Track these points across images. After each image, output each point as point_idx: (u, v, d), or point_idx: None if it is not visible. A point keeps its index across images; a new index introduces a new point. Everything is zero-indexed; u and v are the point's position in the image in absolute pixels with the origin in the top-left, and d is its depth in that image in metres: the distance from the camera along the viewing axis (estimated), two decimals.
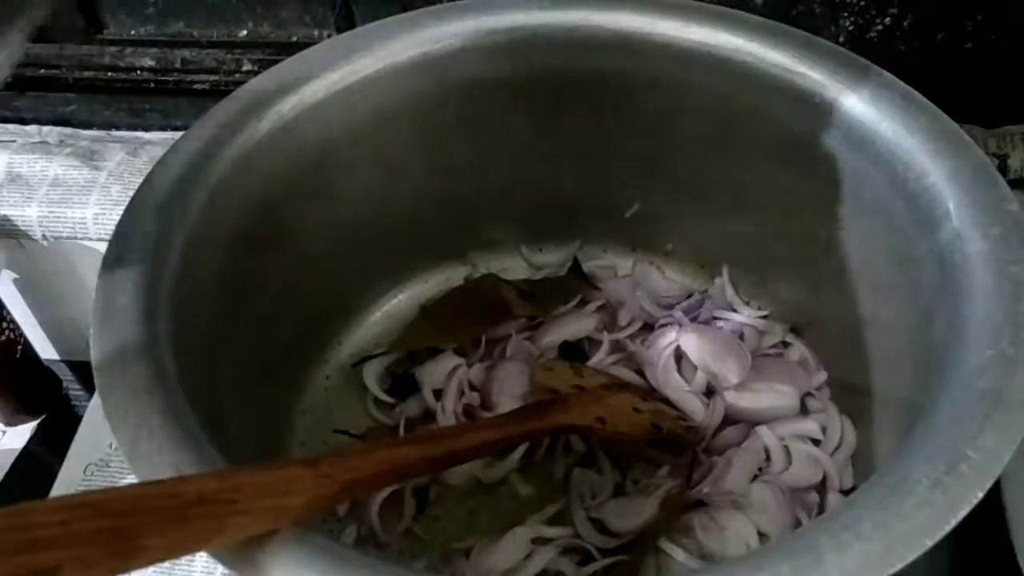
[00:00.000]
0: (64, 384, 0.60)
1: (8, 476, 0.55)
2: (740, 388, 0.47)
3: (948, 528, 0.27)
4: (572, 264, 0.56)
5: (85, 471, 0.53)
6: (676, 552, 0.42)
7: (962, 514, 0.27)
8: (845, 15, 0.56)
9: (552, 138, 0.50)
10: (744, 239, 0.51)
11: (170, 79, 0.61)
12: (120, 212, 0.38)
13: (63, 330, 0.61)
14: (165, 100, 0.62)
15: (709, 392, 0.49)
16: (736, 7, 0.44)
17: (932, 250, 0.36)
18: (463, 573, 0.43)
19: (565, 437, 0.47)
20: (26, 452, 0.56)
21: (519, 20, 0.45)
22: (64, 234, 0.55)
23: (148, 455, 0.30)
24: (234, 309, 0.41)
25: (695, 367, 0.49)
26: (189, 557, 0.47)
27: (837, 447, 0.45)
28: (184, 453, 0.30)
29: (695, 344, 0.48)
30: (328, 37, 0.56)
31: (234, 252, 0.41)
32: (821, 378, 0.48)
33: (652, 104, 0.47)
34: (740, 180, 0.48)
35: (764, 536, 0.43)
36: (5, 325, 0.54)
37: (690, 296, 0.53)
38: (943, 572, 0.43)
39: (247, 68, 0.59)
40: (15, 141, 0.59)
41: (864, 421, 0.46)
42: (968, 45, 0.56)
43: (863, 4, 0.55)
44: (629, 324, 0.53)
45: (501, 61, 0.46)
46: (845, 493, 0.44)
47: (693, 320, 0.51)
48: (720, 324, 0.51)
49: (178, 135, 0.41)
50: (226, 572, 0.42)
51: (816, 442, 0.46)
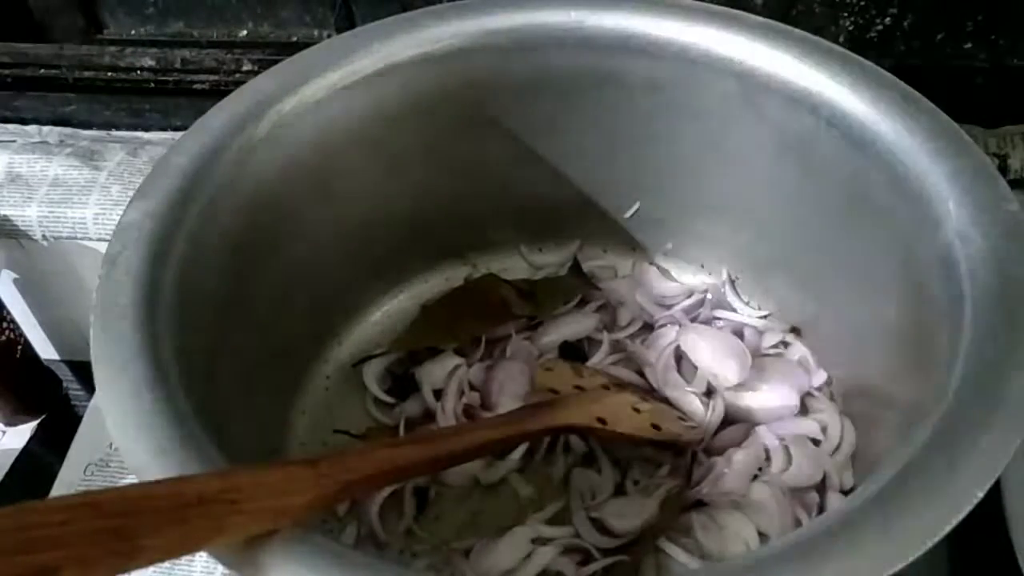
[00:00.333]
0: (64, 384, 0.60)
1: (8, 476, 0.55)
2: (740, 388, 0.47)
3: (948, 528, 0.27)
4: (572, 264, 0.56)
5: (85, 471, 0.53)
6: (676, 552, 0.42)
7: (962, 514, 0.27)
8: (845, 15, 0.56)
9: (552, 138, 0.50)
10: (744, 239, 0.51)
11: (170, 79, 0.61)
12: (120, 212, 0.38)
13: (63, 330, 0.61)
14: (165, 100, 0.62)
15: (709, 392, 0.49)
16: (736, 7, 0.44)
17: (932, 250, 0.36)
18: (463, 573, 0.42)
19: (565, 437, 0.47)
20: (26, 452, 0.56)
21: (519, 20, 0.45)
22: (64, 234, 0.55)
23: (148, 455, 0.30)
24: (234, 309, 0.41)
25: (695, 367, 0.49)
26: (189, 557, 0.47)
27: (837, 447, 0.45)
28: (184, 453, 0.30)
29: (695, 344, 0.48)
30: (328, 37, 0.56)
31: (234, 252, 0.41)
32: (821, 378, 0.48)
33: (652, 104, 0.47)
34: (740, 180, 0.48)
35: (764, 536, 0.43)
36: (5, 325, 0.54)
37: (690, 296, 0.53)
38: (943, 572, 0.43)
39: (247, 68, 0.59)
40: (15, 141, 0.59)
41: (864, 421, 0.46)
42: (968, 45, 0.56)
43: (863, 4, 0.55)
44: (629, 324, 0.53)
45: (501, 61, 0.46)
46: (845, 493, 0.44)
47: (693, 320, 0.51)
48: (720, 324, 0.51)
49: (178, 135, 0.41)
50: (226, 572, 0.42)
51: (816, 442, 0.46)
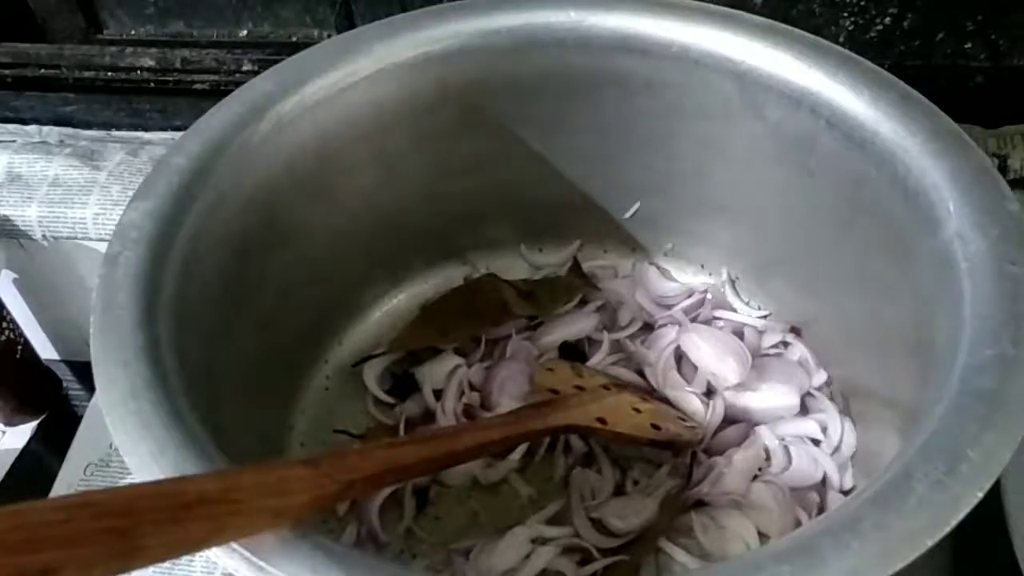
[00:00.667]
0: (64, 384, 0.60)
1: (8, 476, 0.55)
2: (740, 388, 0.47)
3: (948, 528, 0.27)
4: (572, 264, 0.56)
5: (85, 471, 0.53)
6: (676, 552, 0.42)
7: (962, 514, 0.27)
8: (845, 15, 0.56)
9: (552, 138, 0.50)
10: (744, 239, 0.51)
11: (170, 79, 0.61)
12: (120, 212, 0.38)
13: (63, 330, 0.61)
14: (165, 100, 0.62)
15: (709, 392, 0.49)
16: (736, 7, 0.44)
17: (932, 250, 0.36)
18: (463, 573, 0.42)
19: (565, 437, 0.47)
20: (26, 452, 0.56)
21: (519, 20, 0.45)
22: (64, 234, 0.55)
23: (148, 455, 0.30)
24: (234, 309, 0.41)
25: (695, 367, 0.49)
26: (189, 557, 0.47)
27: (837, 447, 0.45)
28: (184, 453, 0.30)
29: (695, 344, 0.48)
30: (328, 37, 0.56)
31: (234, 252, 0.41)
32: (821, 378, 0.48)
33: (652, 104, 0.47)
34: (740, 180, 0.48)
35: (764, 536, 0.43)
36: (5, 325, 0.54)
37: (690, 296, 0.53)
38: (943, 572, 0.43)
39: (247, 68, 0.59)
40: (15, 141, 0.59)
41: (864, 421, 0.46)
42: (968, 45, 0.56)
43: (863, 4, 0.55)
44: (629, 324, 0.53)
45: (501, 61, 0.46)
46: (845, 493, 0.44)
47: (693, 320, 0.51)
48: (720, 324, 0.52)
49: (178, 135, 0.41)
50: (226, 572, 0.42)
51: (816, 442, 0.46)
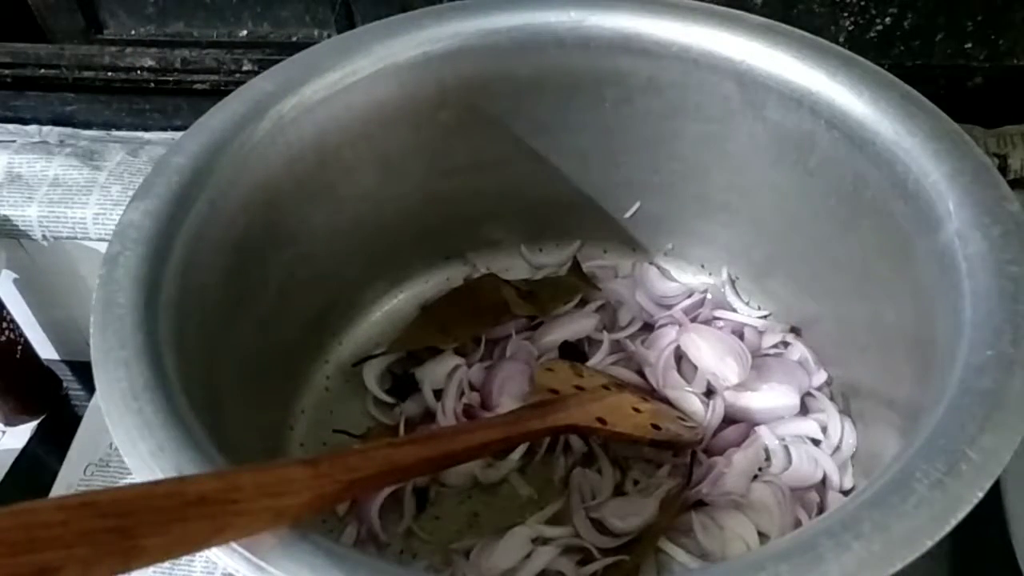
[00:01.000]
0: (64, 384, 0.60)
1: (8, 476, 0.55)
2: (740, 388, 0.47)
3: (948, 528, 0.27)
4: (572, 264, 0.56)
5: (85, 471, 0.53)
6: (676, 552, 0.42)
7: (962, 514, 0.27)
8: (845, 15, 0.56)
9: (552, 138, 0.50)
10: (744, 239, 0.51)
11: (170, 79, 0.61)
12: (120, 212, 0.38)
13: (63, 330, 0.61)
14: (165, 100, 0.61)
15: (709, 392, 0.49)
16: (736, 7, 0.44)
17: (932, 250, 0.36)
18: (463, 573, 0.43)
19: (565, 437, 0.47)
20: (26, 452, 0.56)
21: (519, 20, 0.45)
22: (64, 234, 0.55)
23: (148, 455, 0.30)
24: (234, 309, 0.41)
25: (695, 367, 0.49)
26: (189, 557, 0.47)
27: (837, 447, 0.45)
28: (184, 453, 0.30)
29: (695, 344, 0.48)
30: (328, 37, 0.56)
31: (234, 252, 0.41)
32: (821, 378, 0.48)
33: (652, 104, 0.47)
34: (740, 180, 0.48)
35: (764, 536, 0.43)
36: (5, 325, 0.54)
37: (690, 296, 0.53)
38: (943, 572, 0.43)
39: (247, 68, 0.59)
40: (15, 141, 0.59)
41: (864, 421, 0.46)
42: (968, 45, 0.56)
43: (863, 4, 0.55)
44: (629, 324, 0.53)
45: (501, 61, 0.46)
46: (845, 493, 0.44)
47: (693, 320, 0.51)
48: (720, 324, 0.51)
49: (178, 135, 0.41)
50: (226, 572, 0.42)
51: (816, 442, 0.46)
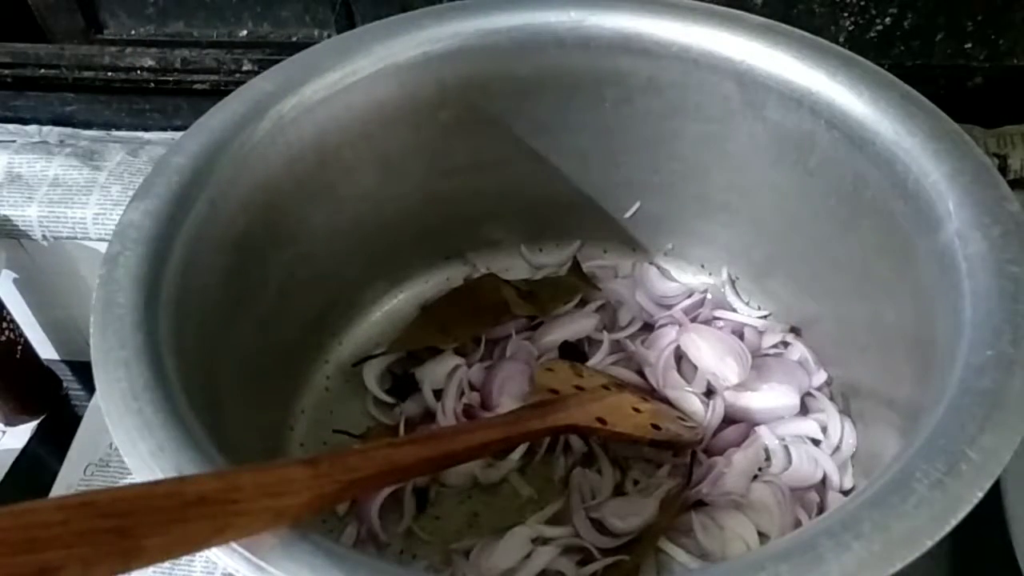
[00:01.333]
0: (64, 384, 0.60)
1: (8, 476, 0.55)
2: (740, 388, 0.47)
3: (948, 528, 0.27)
4: (572, 264, 0.56)
5: (85, 471, 0.53)
6: (676, 552, 0.42)
7: (962, 514, 0.27)
8: (845, 15, 0.56)
9: (552, 138, 0.50)
10: (744, 239, 0.51)
11: (170, 79, 0.61)
12: (120, 212, 0.38)
13: (63, 330, 0.61)
14: (165, 100, 0.61)
15: (709, 392, 0.49)
16: (736, 7, 0.44)
17: (932, 250, 0.36)
18: (463, 573, 0.43)
19: (565, 437, 0.47)
20: (26, 452, 0.56)
21: (519, 20, 0.45)
22: (64, 234, 0.55)
23: (148, 455, 0.30)
24: (234, 309, 0.41)
25: (695, 367, 0.49)
26: (189, 557, 0.47)
27: (837, 447, 0.45)
28: (184, 453, 0.30)
29: (695, 344, 0.48)
30: (328, 37, 0.56)
31: (234, 252, 0.41)
32: (821, 378, 0.48)
33: (652, 104, 0.47)
34: (740, 180, 0.48)
35: (764, 536, 0.43)
36: (5, 325, 0.54)
37: (690, 296, 0.53)
38: (943, 572, 0.43)
39: (247, 68, 0.59)
40: (15, 141, 0.59)
41: (864, 421, 0.46)
42: (968, 45, 0.56)
43: (863, 4, 0.55)
44: (629, 324, 0.53)
45: (501, 61, 0.46)
46: (845, 493, 0.44)
47: (693, 320, 0.51)
48: (720, 324, 0.51)
49: (178, 135, 0.41)
50: (226, 572, 0.42)
51: (816, 442, 0.46)
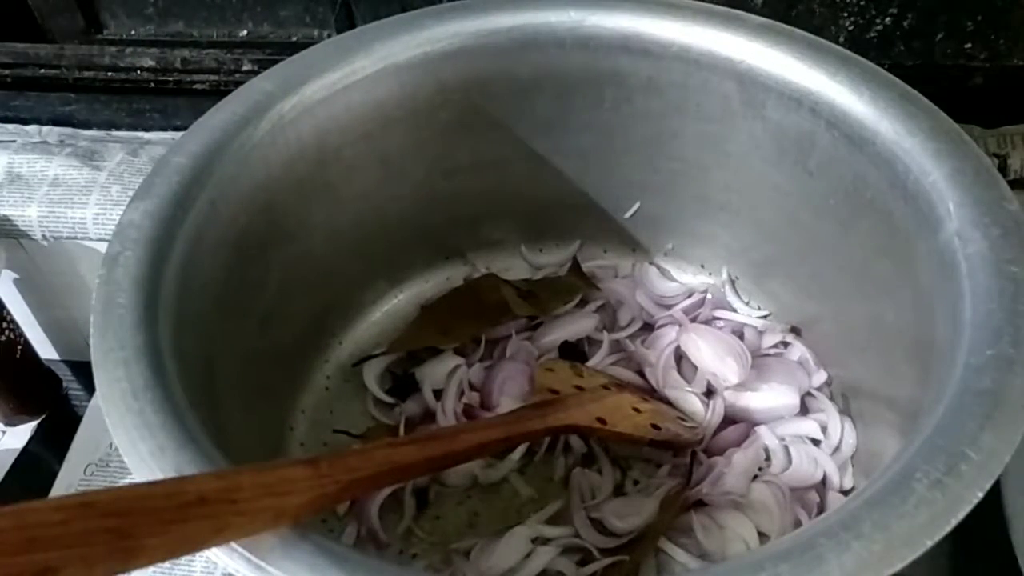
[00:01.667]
0: (64, 384, 0.60)
1: (8, 476, 0.55)
2: (740, 388, 0.47)
3: (948, 528, 0.27)
4: (572, 264, 0.56)
5: (85, 471, 0.53)
6: (676, 552, 0.42)
7: (962, 514, 0.27)
8: (845, 15, 0.56)
9: (552, 138, 0.50)
10: (744, 239, 0.51)
11: (170, 79, 0.61)
12: (120, 212, 0.38)
13: (63, 330, 0.61)
14: (165, 100, 0.62)
15: (709, 392, 0.49)
16: (736, 7, 0.44)
17: (932, 250, 0.36)
18: (463, 573, 0.42)
19: (565, 437, 0.47)
20: (26, 452, 0.56)
21: (519, 20, 0.45)
22: (64, 234, 0.55)
23: (148, 455, 0.30)
24: (234, 309, 0.41)
25: (695, 367, 0.49)
26: (189, 557, 0.47)
27: (837, 447, 0.45)
28: (184, 453, 0.30)
29: (695, 344, 0.48)
30: (328, 37, 0.56)
31: (234, 252, 0.41)
32: (821, 378, 0.48)
33: (652, 104, 0.47)
34: (740, 180, 0.48)
35: (764, 536, 0.43)
36: (5, 325, 0.54)
37: (690, 296, 0.53)
38: (943, 572, 0.43)
39: (247, 68, 0.59)
40: (15, 141, 0.59)
41: (864, 421, 0.46)
42: (968, 45, 0.56)
43: (863, 4, 0.55)
44: (629, 324, 0.53)
45: (501, 61, 0.46)
46: (845, 493, 0.44)
47: (693, 320, 0.51)
48: (720, 324, 0.51)
49: (178, 135, 0.41)
50: (226, 572, 0.42)
51: (816, 442, 0.46)
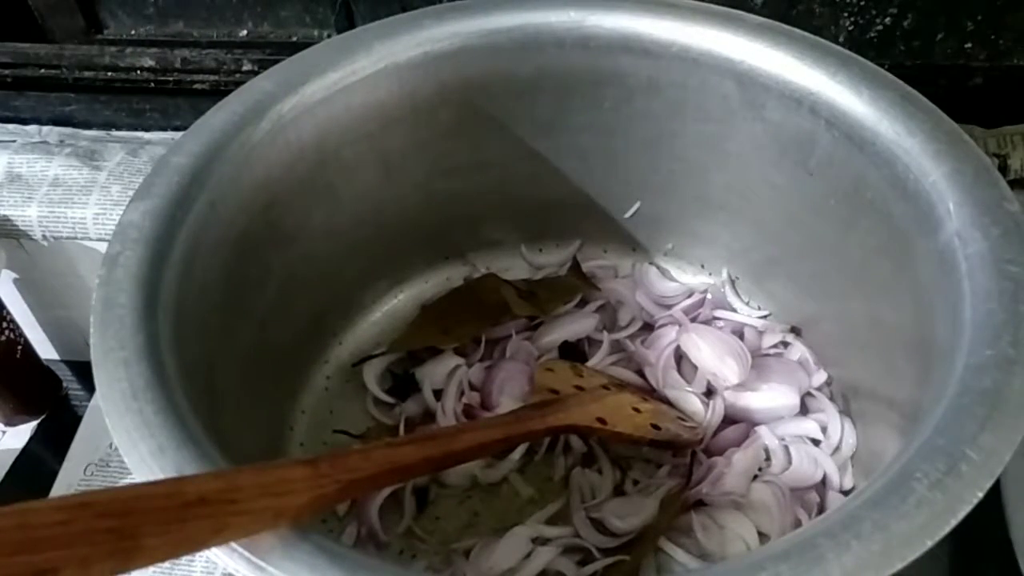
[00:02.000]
0: (64, 384, 0.60)
1: (8, 476, 0.55)
2: (740, 388, 0.47)
3: (948, 528, 0.27)
4: (572, 264, 0.56)
5: (85, 471, 0.53)
6: (676, 552, 0.42)
7: (962, 514, 0.27)
8: (845, 15, 0.56)
9: (552, 138, 0.50)
10: (744, 239, 0.51)
11: (170, 79, 0.61)
12: (120, 212, 0.38)
13: (63, 330, 0.61)
14: (165, 100, 0.62)
15: (709, 392, 0.49)
16: (736, 7, 0.44)
17: (932, 250, 0.36)
18: (463, 573, 0.42)
19: (565, 437, 0.47)
20: (26, 452, 0.56)
21: (519, 20, 0.45)
22: (64, 234, 0.55)
23: (148, 455, 0.30)
24: (234, 309, 0.41)
25: (695, 367, 0.49)
26: (189, 557, 0.47)
27: (837, 447, 0.45)
28: (184, 453, 0.30)
29: (695, 344, 0.48)
30: (328, 37, 0.56)
31: (234, 252, 0.41)
32: (821, 378, 0.48)
33: (652, 104, 0.47)
34: (740, 180, 0.48)
35: (764, 536, 0.43)
36: (5, 325, 0.54)
37: (690, 296, 0.53)
38: (943, 572, 0.43)
39: (247, 68, 0.59)
40: (15, 141, 0.59)
41: (864, 421, 0.46)
42: (968, 45, 0.56)
43: (863, 4, 0.55)
44: (629, 324, 0.53)
45: (501, 61, 0.46)
46: (845, 493, 0.44)
47: (693, 320, 0.51)
48: (720, 324, 0.51)
49: (178, 135, 0.41)
50: (226, 572, 0.42)
51: (816, 442, 0.46)
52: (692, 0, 0.45)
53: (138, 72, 0.61)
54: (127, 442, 0.30)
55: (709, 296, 0.53)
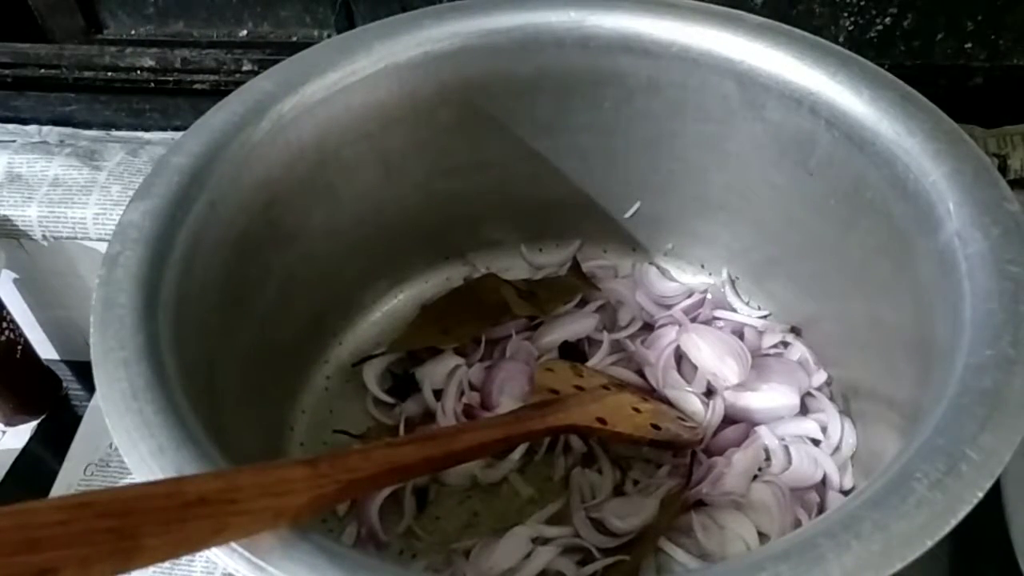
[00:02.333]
0: (64, 384, 0.60)
1: (8, 476, 0.55)
2: (740, 388, 0.47)
3: (948, 528, 0.27)
4: (572, 264, 0.56)
5: (85, 471, 0.53)
6: (676, 552, 0.42)
7: (962, 514, 0.27)
8: (845, 15, 0.56)
9: (552, 138, 0.50)
10: (744, 239, 0.51)
11: (170, 79, 0.61)
12: (120, 212, 0.38)
13: (63, 330, 0.61)
14: (165, 100, 0.62)
15: (709, 392, 0.49)
16: (736, 7, 0.44)
17: (932, 250, 0.36)
18: (463, 573, 0.42)
19: (565, 437, 0.47)
20: (26, 452, 0.56)
21: (519, 20, 0.45)
22: (64, 234, 0.55)
23: (148, 455, 0.30)
24: (234, 309, 0.41)
25: (695, 367, 0.49)
26: (189, 557, 0.47)
27: (837, 447, 0.45)
28: (184, 453, 0.30)
29: (695, 344, 0.48)
30: (328, 37, 0.56)
31: (234, 252, 0.41)
32: (821, 378, 0.48)
33: (652, 104, 0.47)
34: (740, 180, 0.48)
35: (764, 536, 0.43)
36: (5, 325, 0.54)
37: (690, 296, 0.53)
38: (943, 572, 0.43)
39: (247, 68, 0.59)
40: (15, 141, 0.59)
41: (864, 421, 0.46)
42: (968, 45, 0.56)
43: (863, 4, 0.55)
44: (629, 324, 0.53)
45: (501, 61, 0.46)
46: (845, 493, 0.44)
47: (693, 320, 0.51)
48: (720, 324, 0.51)
49: (178, 135, 0.41)
50: (226, 572, 0.42)
51: (816, 442, 0.46)
52: (692, 0, 0.45)
53: (138, 72, 0.61)
54: (127, 442, 0.30)
55: (709, 296, 0.53)
